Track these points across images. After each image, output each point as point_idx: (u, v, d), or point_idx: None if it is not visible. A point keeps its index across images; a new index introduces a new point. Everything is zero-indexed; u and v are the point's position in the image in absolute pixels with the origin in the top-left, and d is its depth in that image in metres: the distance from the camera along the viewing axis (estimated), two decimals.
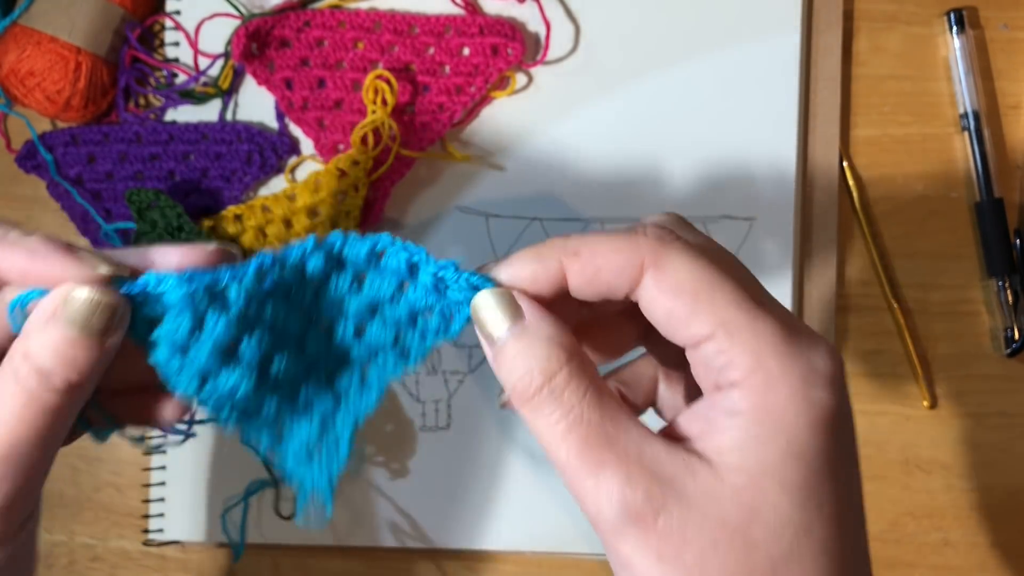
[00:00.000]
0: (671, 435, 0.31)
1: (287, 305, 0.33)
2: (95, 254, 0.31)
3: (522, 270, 0.32)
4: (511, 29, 0.52)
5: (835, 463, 0.29)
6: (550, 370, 0.30)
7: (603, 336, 0.36)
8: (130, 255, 0.32)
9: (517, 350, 0.31)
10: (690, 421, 0.31)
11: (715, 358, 0.30)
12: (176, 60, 0.54)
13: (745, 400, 0.29)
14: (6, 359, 0.31)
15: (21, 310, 0.31)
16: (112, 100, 0.53)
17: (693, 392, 0.35)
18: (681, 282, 0.30)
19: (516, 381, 0.30)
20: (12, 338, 0.31)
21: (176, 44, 0.54)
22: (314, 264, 0.33)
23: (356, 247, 0.33)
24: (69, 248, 0.31)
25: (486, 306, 0.31)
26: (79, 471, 0.54)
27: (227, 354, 0.32)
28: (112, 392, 0.34)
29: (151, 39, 0.54)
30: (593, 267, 0.31)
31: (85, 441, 0.54)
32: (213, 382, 0.32)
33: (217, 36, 0.53)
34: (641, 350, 0.37)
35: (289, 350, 0.33)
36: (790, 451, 0.29)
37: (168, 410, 0.35)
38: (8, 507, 0.31)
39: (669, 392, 0.37)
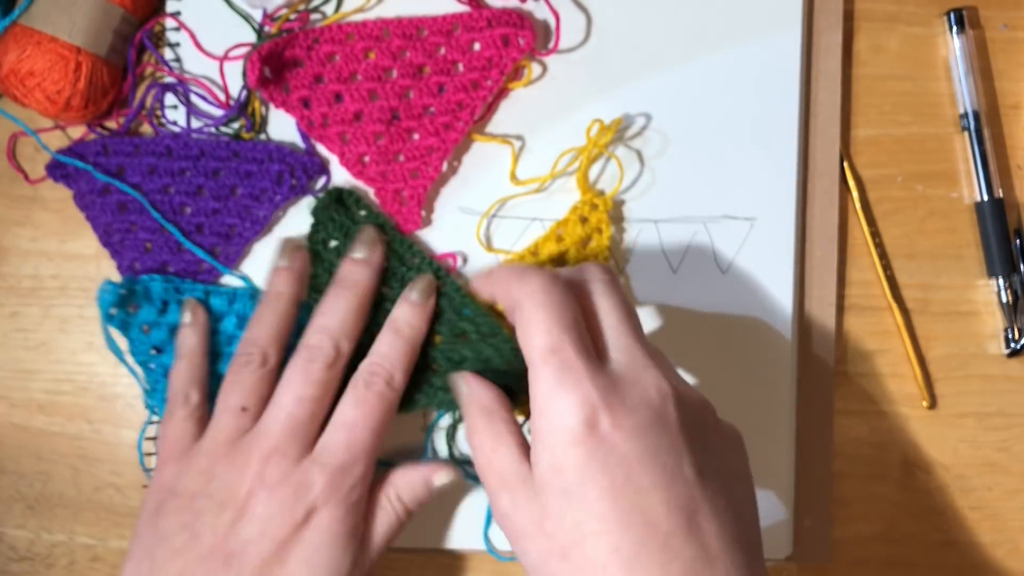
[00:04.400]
0: None
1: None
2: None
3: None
4: (519, 17, 0.52)
5: (589, 475, 0.37)
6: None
7: None
8: None
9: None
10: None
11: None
12: (178, 60, 0.54)
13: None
14: (359, 379, 0.46)
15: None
16: (112, 100, 0.53)
17: None
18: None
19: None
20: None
21: (178, 44, 0.54)
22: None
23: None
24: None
25: None
26: (79, 471, 0.54)
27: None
28: None
29: (152, 40, 0.54)
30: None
31: (85, 441, 0.54)
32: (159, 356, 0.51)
33: (218, 36, 0.53)
34: None
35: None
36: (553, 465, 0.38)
37: None
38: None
39: None
